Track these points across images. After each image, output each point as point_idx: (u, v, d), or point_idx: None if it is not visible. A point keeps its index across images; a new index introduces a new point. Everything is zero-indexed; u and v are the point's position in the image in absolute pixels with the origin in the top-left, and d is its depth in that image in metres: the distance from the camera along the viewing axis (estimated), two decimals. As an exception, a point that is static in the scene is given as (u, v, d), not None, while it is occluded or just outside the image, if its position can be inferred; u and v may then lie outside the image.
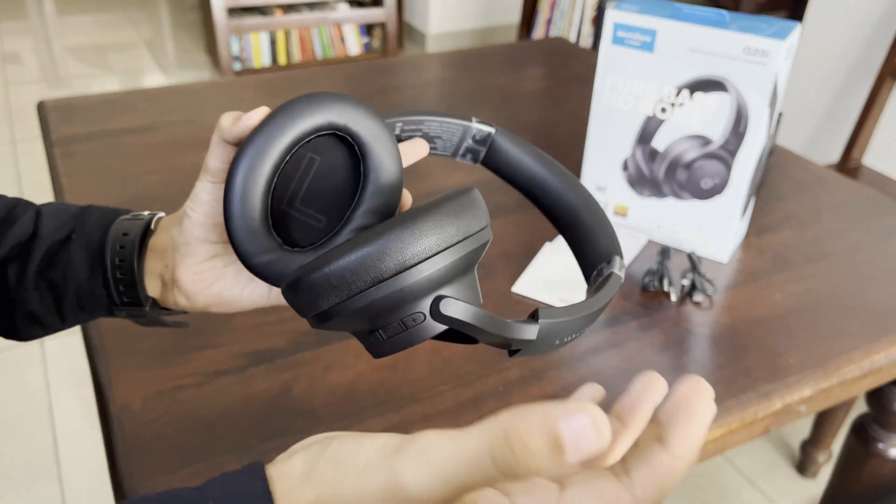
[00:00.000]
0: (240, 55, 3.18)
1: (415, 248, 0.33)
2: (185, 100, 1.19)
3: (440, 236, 0.33)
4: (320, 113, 0.38)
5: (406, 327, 0.34)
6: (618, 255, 0.42)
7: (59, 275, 0.47)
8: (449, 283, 0.35)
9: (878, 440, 0.96)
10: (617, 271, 0.41)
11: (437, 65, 1.40)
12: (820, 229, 0.94)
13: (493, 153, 0.47)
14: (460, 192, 0.36)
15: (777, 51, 0.76)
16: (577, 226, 0.44)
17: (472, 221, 0.35)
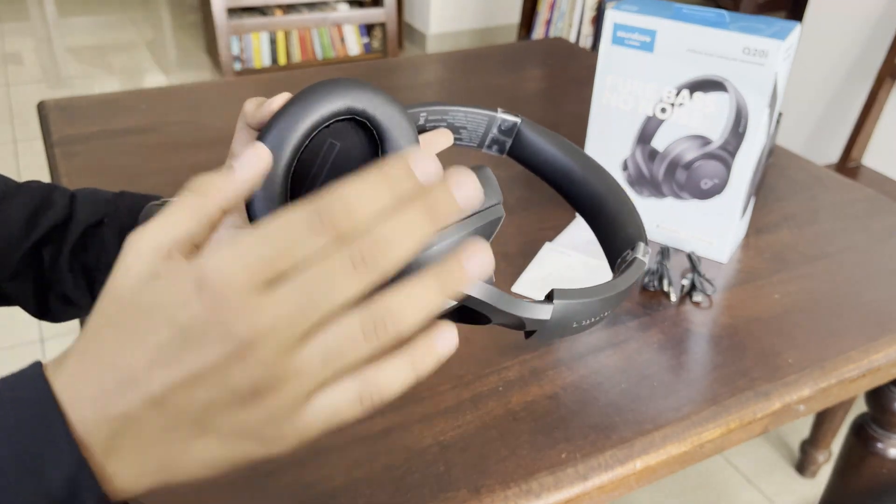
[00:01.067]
0: (240, 55, 3.18)
1: None
2: (186, 100, 1.19)
3: None
4: (340, 98, 0.38)
5: None
6: (643, 241, 0.42)
7: (93, 258, 0.49)
8: None
9: (878, 440, 0.96)
10: (641, 257, 0.40)
11: (437, 65, 1.40)
12: (819, 229, 0.95)
13: (519, 143, 0.46)
14: (473, 170, 0.36)
15: (776, 51, 0.76)
16: (603, 213, 0.44)
17: (485, 198, 0.36)
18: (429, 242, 0.34)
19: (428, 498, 0.57)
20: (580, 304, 0.36)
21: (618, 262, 0.42)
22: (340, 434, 0.62)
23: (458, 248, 0.29)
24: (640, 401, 0.67)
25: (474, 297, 0.34)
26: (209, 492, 0.56)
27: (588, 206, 0.45)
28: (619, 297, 0.38)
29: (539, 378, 0.69)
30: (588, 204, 0.45)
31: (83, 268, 0.49)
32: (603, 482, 0.61)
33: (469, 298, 0.34)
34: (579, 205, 0.45)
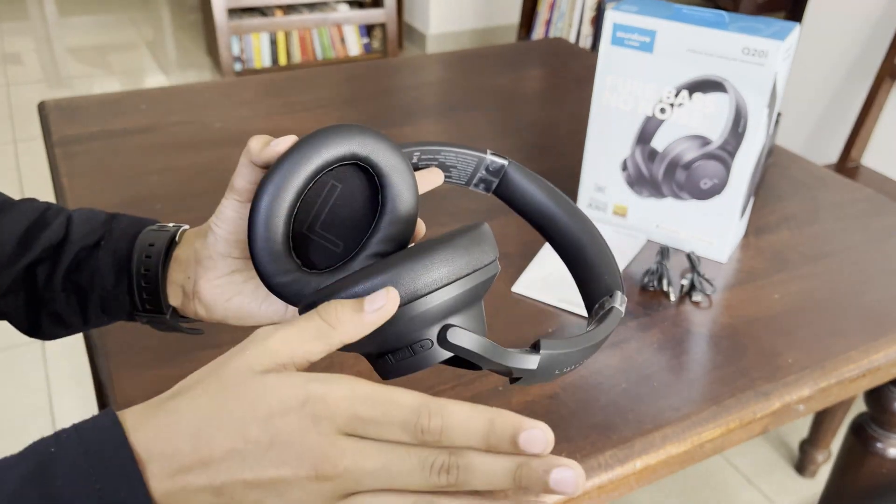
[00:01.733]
0: (240, 56, 3.18)
1: (426, 279, 0.36)
2: (186, 100, 1.19)
3: (450, 268, 0.36)
4: (345, 144, 0.40)
5: (414, 353, 0.37)
6: (619, 290, 0.44)
7: (87, 279, 0.49)
8: (457, 312, 0.37)
9: (877, 439, 0.96)
10: (618, 306, 0.43)
11: (437, 65, 1.40)
12: (819, 229, 0.95)
13: (505, 184, 0.49)
14: (471, 228, 0.38)
15: (776, 51, 0.77)
16: (583, 261, 0.46)
17: (481, 255, 0.38)
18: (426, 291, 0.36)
19: (428, 498, 0.57)
20: (563, 355, 0.38)
21: (595, 309, 0.44)
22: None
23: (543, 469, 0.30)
24: (640, 401, 0.67)
25: (467, 348, 0.36)
26: (210, 492, 0.56)
27: (568, 253, 0.47)
28: (598, 345, 0.40)
29: (539, 378, 0.69)
30: (568, 250, 0.47)
31: (76, 288, 0.50)
32: (603, 482, 0.61)
33: (463, 350, 0.36)
34: (559, 249, 0.48)
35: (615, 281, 0.44)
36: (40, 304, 0.50)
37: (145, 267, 0.48)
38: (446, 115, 1.19)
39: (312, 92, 1.24)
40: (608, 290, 0.44)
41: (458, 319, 0.38)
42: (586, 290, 0.46)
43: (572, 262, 0.47)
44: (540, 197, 0.48)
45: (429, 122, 1.17)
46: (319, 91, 1.24)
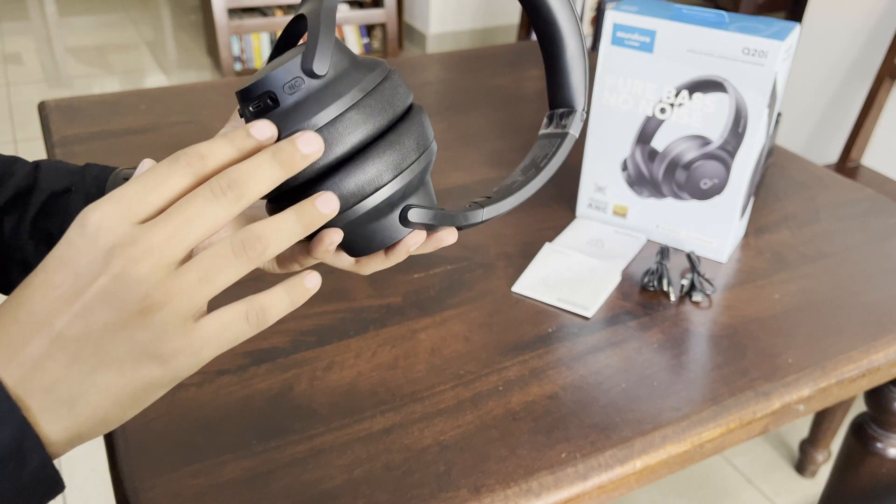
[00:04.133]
0: (240, 56, 3.18)
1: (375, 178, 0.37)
2: (186, 100, 1.19)
3: (400, 160, 0.38)
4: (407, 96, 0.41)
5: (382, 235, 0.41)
6: (581, 108, 0.45)
7: (56, 225, 0.49)
8: (412, 193, 0.40)
9: (877, 440, 0.96)
10: (572, 131, 0.44)
11: (437, 65, 1.40)
12: (818, 229, 0.95)
13: None
14: (411, 115, 0.39)
15: (776, 51, 0.77)
16: (558, 60, 0.45)
17: (423, 139, 0.39)
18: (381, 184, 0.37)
19: (428, 498, 0.57)
20: (509, 202, 0.42)
21: (551, 119, 0.45)
22: (340, 434, 0.62)
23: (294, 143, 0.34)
24: (640, 401, 0.67)
25: (427, 223, 0.40)
26: (210, 493, 0.56)
27: (547, 45, 0.46)
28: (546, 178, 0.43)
29: (539, 378, 0.69)
30: (548, 43, 0.46)
31: (46, 236, 0.49)
32: (603, 482, 0.61)
33: (422, 225, 0.40)
34: (540, 37, 0.46)
35: (579, 95, 0.45)
36: (9, 253, 0.50)
37: None
38: (446, 115, 1.19)
39: (312, 92, 1.24)
40: (569, 104, 0.45)
41: (415, 198, 0.40)
42: (552, 90, 0.46)
43: (547, 54, 0.46)
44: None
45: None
46: (319, 91, 1.24)
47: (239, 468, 0.58)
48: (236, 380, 0.66)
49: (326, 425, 0.63)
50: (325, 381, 0.67)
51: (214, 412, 0.63)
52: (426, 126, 0.40)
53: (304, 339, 0.71)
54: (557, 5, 0.44)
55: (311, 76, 0.36)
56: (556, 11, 0.44)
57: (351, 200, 0.37)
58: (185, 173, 0.32)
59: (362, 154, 0.36)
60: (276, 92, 0.36)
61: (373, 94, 0.37)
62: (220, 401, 0.64)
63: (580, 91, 0.45)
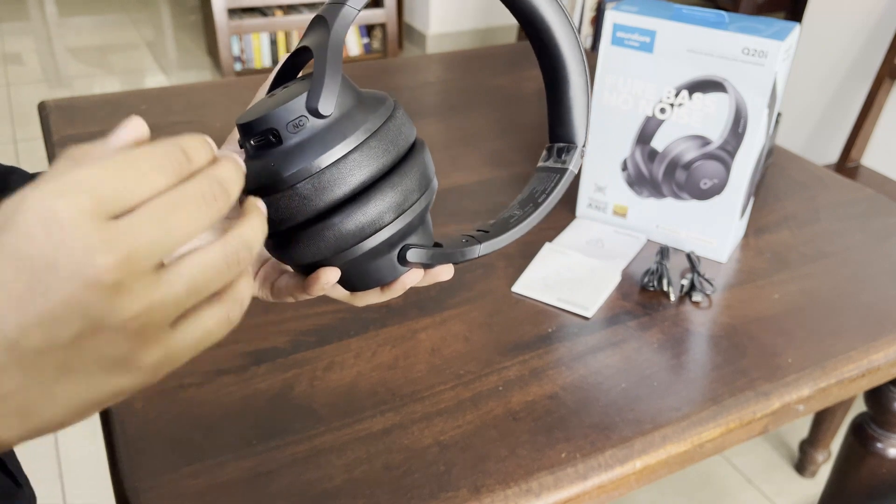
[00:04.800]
0: (240, 56, 3.18)
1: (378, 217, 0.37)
2: (187, 100, 1.19)
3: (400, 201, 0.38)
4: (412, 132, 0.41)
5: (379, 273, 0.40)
6: (580, 144, 0.45)
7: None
8: (412, 232, 0.40)
9: (877, 440, 0.96)
10: (571, 167, 0.44)
11: (437, 65, 1.40)
12: (818, 229, 0.95)
13: None
14: (414, 152, 0.39)
15: (776, 51, 0.77)
16: (560, 92, 0.45)
17: (425, 180, 0.39)
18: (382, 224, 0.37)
19: (428, 498, 0.57)
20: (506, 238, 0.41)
21: (549, 153, 0.45)
22: (340, 434, 0.62)
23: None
24: (640, 401, 0.67)
25: (425, 263, 0.40)
26: (210, 493, 0.56)
27: (550, 75, 0.45)
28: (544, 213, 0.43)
29: (539, 378, 0.69)
30: (551, 73, 0.45)
31: None
32: (603, 482, 0.61)
33: (420, 265, 0.40)
34: (543, 67, 0.45)
35: (580, 130, 0.45)
36: None
37: None
38: (446, 115, 1.19)
39: (312, 92, 1.24)
40: (570, 139, 0.45)
41: (414, 237, 0.40)
42: (553, 123, 0.46)
43: (550, 86, 0.45)
44: (535, 3, 0.43)
45: (429, 122, 1.17)
46: (319, 91, 1.24)
47: (239, 468, 0.58)
48: (236, 380, 0.66)
49: (326, 425, 0.63)
50: (325, 381, 0.67)
51: (214, 412, 0.63)
52: (428, 164, 0.39)
53: (304, 338, 0.71)
54: (564, 41, 0.43)
55: (316, 116, 0.35)
56: (563, 46, 0.43)
57: (351, 240, 0.37)
58: (169, 173, 0.28)
59: (364, 195, 0.36)
60: (280, 130, 0.35)
61: (377, 135, 0.36)
62: (220, 401, 0.64)
63: (581, 127, 0.45)
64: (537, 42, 0.44)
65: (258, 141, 0.36)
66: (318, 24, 0.37)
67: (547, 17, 0.43)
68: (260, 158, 0.36)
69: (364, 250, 0.37)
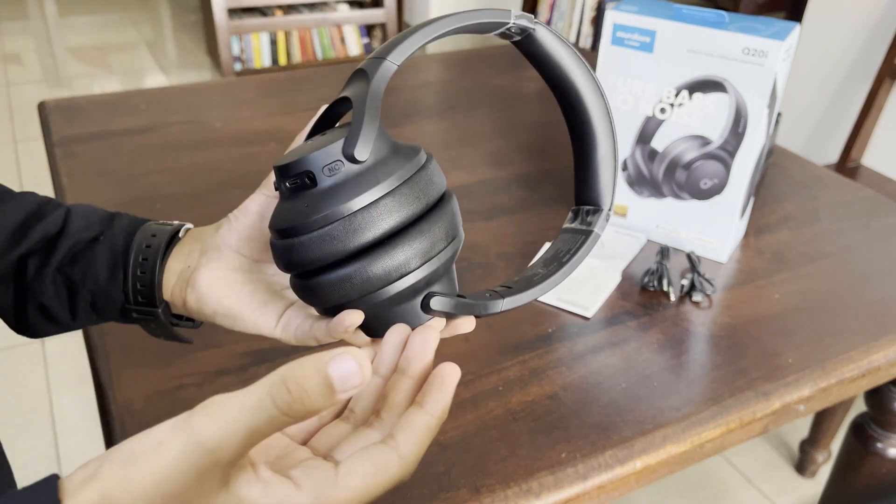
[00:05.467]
0: (240, 56, 3.18)
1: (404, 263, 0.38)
2: (186, 100, 1.19)
3: (427, 248, 0.38)
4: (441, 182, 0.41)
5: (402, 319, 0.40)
6: (606, 207, 0.45)
7: (79, 273, 0.48)
8: (436, 281, 0.40)
9: (877, 440, 0.96)
10: (597, 230, 0.44)
11: (437, 65, 1.40)
12: (819, 229, 0.95)
13: (528, 43, 0.43)
14: (442, 203, 0.40)
15: (776, 51, 0.77)
16: (588, 155, 0.45)
17: (451, 229, 0.39)
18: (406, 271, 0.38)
19: (428, 498, 0.57)
20: (529, 295, 0.41)
21: (576, 215, 0.45)
22: (341, 434, 0.62)
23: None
24: (640, 401, 0.67)
25: (447, 311, 0.40)
26: (210, 491, 0.56)
27: (578, 136, 0.45)
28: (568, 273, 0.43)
29: (539, 378, 0.69)
30: (579, 135, 0.45)
31: (67, 281, 0.49)
32: (603, 482, 0.61)
33: (442, 313, 0.40)
34: (571, 129, 0.46)
35: (607, 194, 0.45)
36: (27, 295, 0.49)
37: (143, 256, 0.47)
38: (446, 115, 1.19)
39: (312, 92, 1.24)
40: (596, 202, 0.45)
41: (439, 285, 0.40)
42: (580, 185, 0.46)
43: (578, 149, 0.46)
44: (565, 68, 0.43)
45: (429, 122, 1.17)
46: (319, 91, 1.24)
47: (239, 468, 0.58)
48: (236, 380, 0.66)
49: (326, 425, 0.62)
50: (325, 381, 0.67)
51: (214, 412, 0.63)
52: (456, 215, 0.40)
53: (304, 339, 0.71)
54: (594, 104, 0.44)
55: (352, 161, 0.36)
56: (592, 111, 0.44)
57: (376, 284, 0.37)
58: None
59: (392, 240, 0.37)
60: (315, 172, 0.37)
61: (408, 183, 0.37)
62: (220, 401, 0.64)
63: (608, 191, 0.45)
64: (566, 105, 0.44)
65: (293, 183, 0.37)
66: (358, 77, 0.38)
67: (576, 81, 0.43)
68: (294, 199, 0.38)
69: (389, 295, 0.38)
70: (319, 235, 0.36)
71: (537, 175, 1.03)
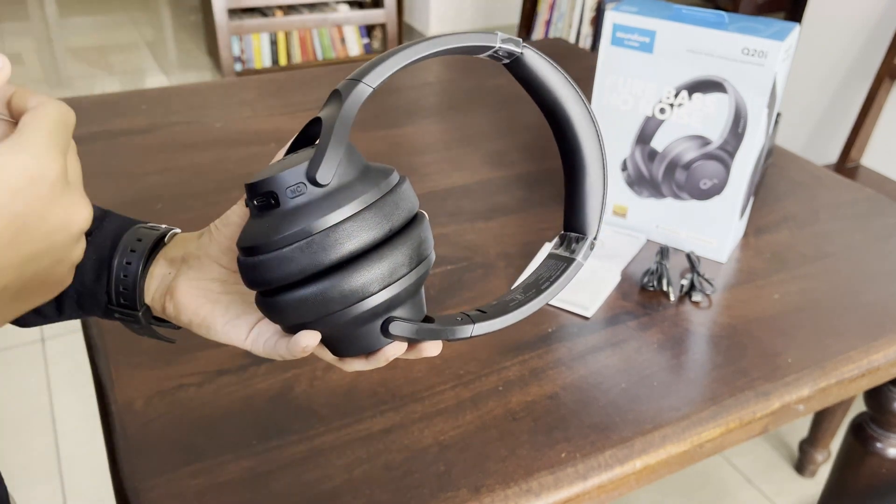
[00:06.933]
0: (241, 56, 3.18)
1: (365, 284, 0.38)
2: (187, 100, 1.19)
3: (391, 270, 0.38)
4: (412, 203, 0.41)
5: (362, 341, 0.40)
6: (591, 236, 0.45)
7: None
8: (400, 304, 0.39)
9: (877, 439, 0.96)
10: (580, 258, 0.44)
11: (437, 65, 1.40)
12: (818, 229, 0.95)
13: (517, 66, 0.43)
14: (412, 225, 0.39)
15: (776, 52, 0.77)
16: (577, 181, 0.45)
17: (420, 250, 0.39)
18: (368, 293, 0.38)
19: (428, 498, 0.57)
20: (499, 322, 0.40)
21: (563, 242, 0.45)
22: (340, 434, 0.62)
23: None
24: (640, 401, 0.67)
25: (408, 337, 0.39)
26: (210, 493, 0.56)
27: (568, 161, 0.45)
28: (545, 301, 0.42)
29: (539, 378, 0.69)
30: (570, 161, 0.45)
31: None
32: (603, 482, 0.61)
33: (403, 338, 0.40)
34: (562, 153, 0.46)
35: (593, 222, 0.45)
36: None
37: (127, 260, 0.47)
38: (446, 115, 1.19)
39: (313, 92, 1.24)
40: (582, 230, 0.45)
41: (401, 310, 0.40)
42: (568, 211, 0.46)
43: (568, 176, 0.45)
44: (555, 93, 0.43)
45: (429, 122, 1.17)
46: (320, 91, 1.24)
47: (239, 468, 0.58)
48: (236, 380, 0.66)
49: (326, 425, 0.63)
50: (325, 381, 0.67)
51: (215, 412, 0.63)
52: (424, 238, 0.40)
53: (304, 339, 0.71)
54: (584, 131, 0.44)
55: (314, 184, 0.37)
56: (582, 138, 0.44)
57: (334, 307, 0.37)
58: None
59: (352, 263, 0.37)
60: (279, 194, 0.37)
61: (372, 208, 0.37)
62: (221, 401, 0.64)
63: (594, 219, 0.45)
64: (557, 130, 0.44)
65: (260, 202, 0.38)
66: (333, 98, 0.38)
67: (567, 106, 0.43)
68: (260, 218, 0.38)
69: (346, 318, 0.38)
70: (278, 256, 0.37)
71: (537, 175, 1.03)
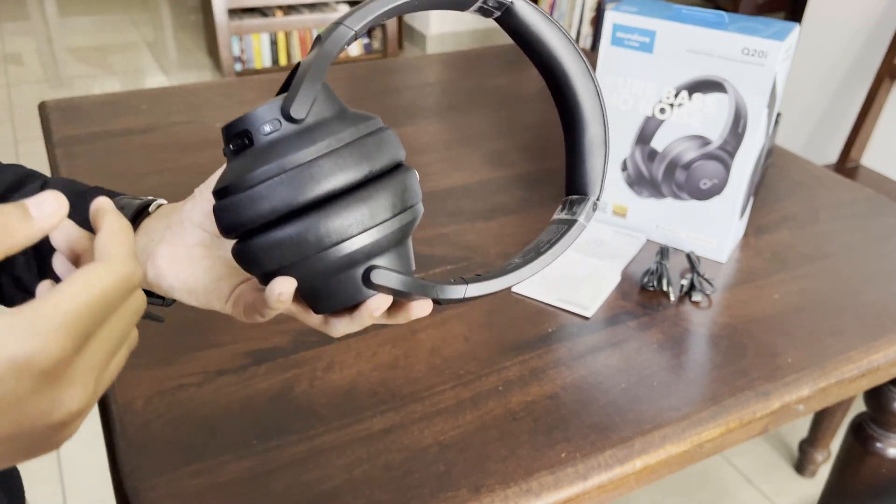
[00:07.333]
0: (241, 56, 3.18)
1: (347, 225, 0.36)
2: (187, 100, 1.19)
3: (372, 213, 0.36)
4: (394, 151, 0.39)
5: (342, 291, 0.38)
6: (594, 196, 0.43)
7: (48, 245, 0.49)
8: (382, 253, 0.37)
9: (877, 439, 0.96)
10: (582, 220, 0.42)
11: (437, 65, 1.40)
12: (818, 229, 0.95)
13: (509, 18, 0.41)
14: (397, 171, 0.38)
15: (776, 52, 0.77)
16: (577, 140, 0.43)
17: (404, 197, 0.37)
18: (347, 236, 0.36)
19: (428, 498, 0.57)
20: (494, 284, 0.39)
21: (564, 207, 0.43)
22: (340, 434, 0.62)
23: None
24: (640, 401, 0.67)
25: (392, 287, 0.37)
26: (210, 493, 0.56)
27: (568, 121, 0.44)
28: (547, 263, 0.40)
29: (539, 378, 0.69)
30: (570, 121, 0.43)
31: (36, 252, 0.49)
32: (603, 482, 0.61)
33: (387, 289, 0.37)
34: (561, 113, 0.44)
35: (595, 182, 0.43)
36: (1, 266, 0.50)
37: None
38: (446, 115, 1.19)
39: (312, 92, 1.24)
40: (583, 190, 0.43)
41: (384, 259, 0.38)
42: (569, 175, 0.44)
43: (568, 137, 0.44)
44: (548, 44, 0.41)
45: (429, 122, 1.17)
46: (319, 91, 1.24)
47: (239, 468, 0.58)
48: (236, 379, 0.66)
49: (326, 425, 0.63)
50: (326, 381, 0.67)
51: (215, 412, 0.63)
52: (409, 187, 0.38)
53: (304, 338, 0.71)
54: (581, 85, 0.42)
55: (289, 120, 0.35)
56: (580, 91, 0.42)
57: (309, 250, 0.35)
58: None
59: (329, 203, 0.35)
60: (253, 131, 0.36)
61: (351, 146, 0.36)
62: (221, 401, 0.64)
63: (596, 179, 0.43)
64: (553, 85, 0.43)
65: (235, 144, 0.37)
66: (316, 42, 0.37)
67: (562, 59, 0.41)
68: (234, 161, 0.37)
69: (325, 262, 0.36)
70: (249, 195, 0.35)
71: (537, 175, 1.03)
